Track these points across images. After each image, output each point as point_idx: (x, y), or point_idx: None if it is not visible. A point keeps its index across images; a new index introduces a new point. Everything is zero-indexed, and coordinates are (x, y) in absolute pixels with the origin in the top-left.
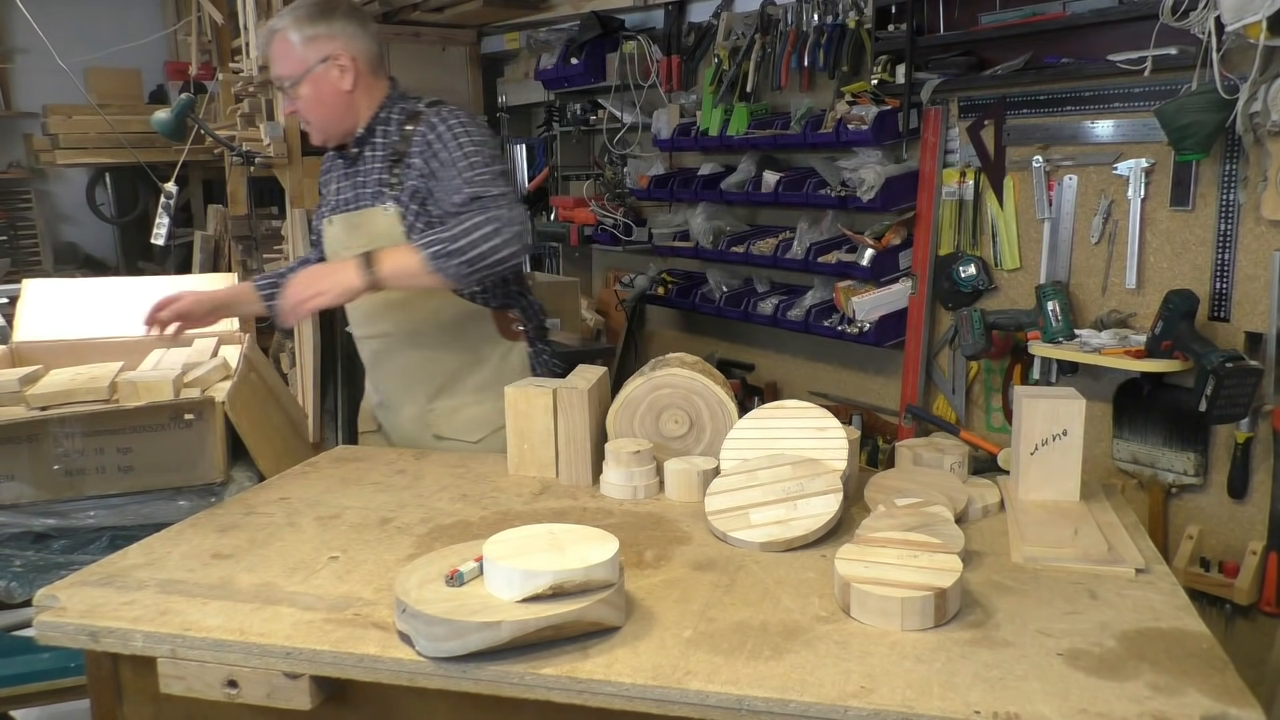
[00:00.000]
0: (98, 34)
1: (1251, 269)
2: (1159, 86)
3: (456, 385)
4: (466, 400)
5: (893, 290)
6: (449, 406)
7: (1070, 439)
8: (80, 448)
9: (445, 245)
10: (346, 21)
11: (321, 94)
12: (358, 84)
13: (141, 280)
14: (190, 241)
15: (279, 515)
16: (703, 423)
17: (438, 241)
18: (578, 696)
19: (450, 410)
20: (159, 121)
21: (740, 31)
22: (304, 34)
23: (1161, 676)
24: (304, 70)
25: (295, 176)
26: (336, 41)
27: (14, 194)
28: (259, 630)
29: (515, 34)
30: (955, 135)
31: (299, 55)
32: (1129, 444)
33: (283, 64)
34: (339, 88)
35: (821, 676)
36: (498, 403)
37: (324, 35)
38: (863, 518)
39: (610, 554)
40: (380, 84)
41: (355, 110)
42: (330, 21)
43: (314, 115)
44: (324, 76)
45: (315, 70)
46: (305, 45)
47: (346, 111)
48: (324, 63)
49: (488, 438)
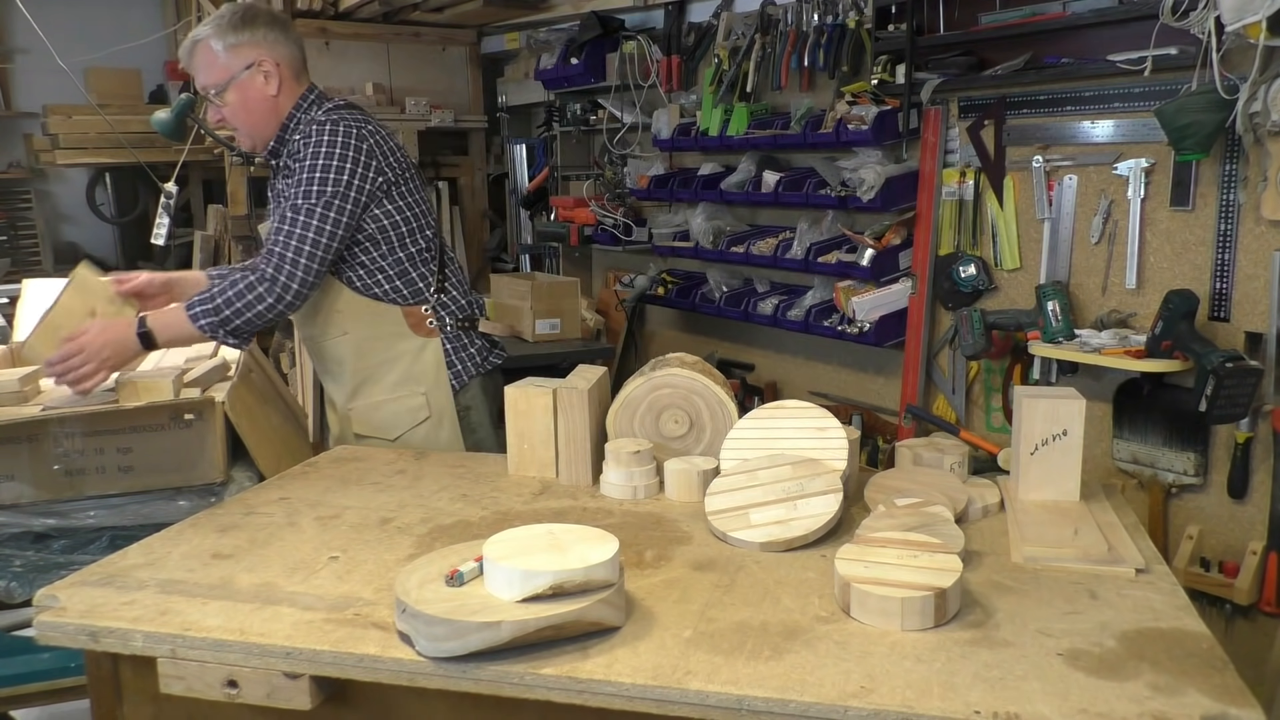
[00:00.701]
0: (98, 34)
1: (1251, 269)
2: (1159, 86)
3: (371, 383)
4: (383, 398)
5: (893, 290)
6: (366, 405)
7: (1070, 439)
8: (80, 448)
9: (214, 312)
10: (268, 29)
11: (247, 100)
12: (282, 89)
13: None
14: (190, 241)
15: (279, 515)
16: (703, 423)
17: (208, 306)
18: (578, 696)
19: (368, 409)
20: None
21: (740, 31)
22: (226, 42)
23: (1161, 676)
24: (229, 77)
25: None
26: (260, 48)
27: (14, 194)
28: (259, 630)
29: (515, 34)
30: (955, 135)
31: (223, 63)
32: (1129, 444)
33: (208, 73)
34: (264, 93)
35: (821, 676)
36: (414, 399)
37: (247, 42)
38: (863, 518)
39: (610, 554)
40: (302, 89)
41: (280, 115)
42: (253, 29)
43: (241, 121)
44: (249, 83)
45: (240, 77)
46: (229, 53)
47: (272, 116)
48: (248, 69)
49: (405, 434)
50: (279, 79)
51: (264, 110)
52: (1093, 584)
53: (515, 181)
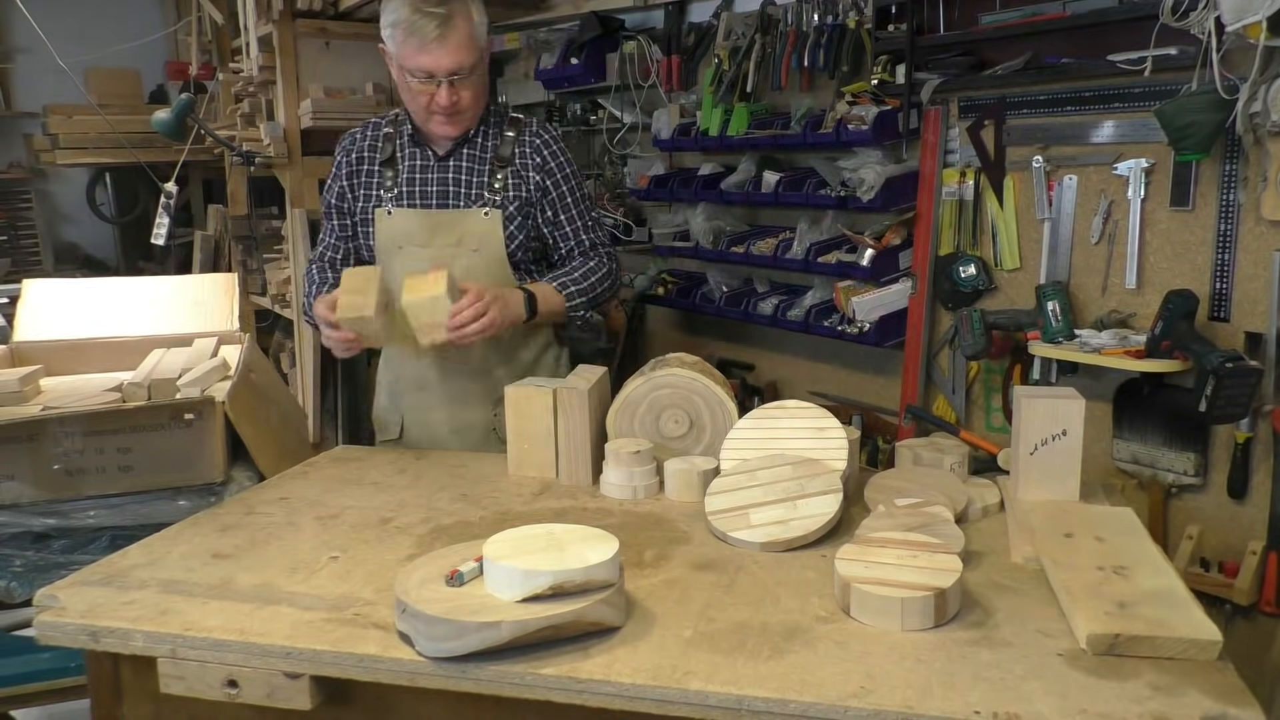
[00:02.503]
0: (98, 34)
1: (1251, 269)
2: (1159, 86)
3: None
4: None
5: (893, 290)
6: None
7: (1070, 439)
8: (80, 448)
9: (584, 294)
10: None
11: (485, 78)
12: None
13: (141, 280)
14: (190, 241)
15: (279, 515)
16: (703, 423)
17: (579, 289)
18: (578, 696)
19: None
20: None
21: (740, 31)
22: (481, 13)
23: (1161, 676)
24: (482, 52)
25: (295, 176)
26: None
27: (14, 194)
28: (259, 630)
29: (515, 34)
30: (955, 135)
31: (480, 35)
32: (1129, 444)
33: (468, 48)
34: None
35: (821, 676)
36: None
37: (484, 13)
38: (863, 518)
39: (610, 554)
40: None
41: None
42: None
43: (472, 106)
44: (485, 57)
45: (485, 55)
46: (481, 23)
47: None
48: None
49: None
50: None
51: (487, 91)
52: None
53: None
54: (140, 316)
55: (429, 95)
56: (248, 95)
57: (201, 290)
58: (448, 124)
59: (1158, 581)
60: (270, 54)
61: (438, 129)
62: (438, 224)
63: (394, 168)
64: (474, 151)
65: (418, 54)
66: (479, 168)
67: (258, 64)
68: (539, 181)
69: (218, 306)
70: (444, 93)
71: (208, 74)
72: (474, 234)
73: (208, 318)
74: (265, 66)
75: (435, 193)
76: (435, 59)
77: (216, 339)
